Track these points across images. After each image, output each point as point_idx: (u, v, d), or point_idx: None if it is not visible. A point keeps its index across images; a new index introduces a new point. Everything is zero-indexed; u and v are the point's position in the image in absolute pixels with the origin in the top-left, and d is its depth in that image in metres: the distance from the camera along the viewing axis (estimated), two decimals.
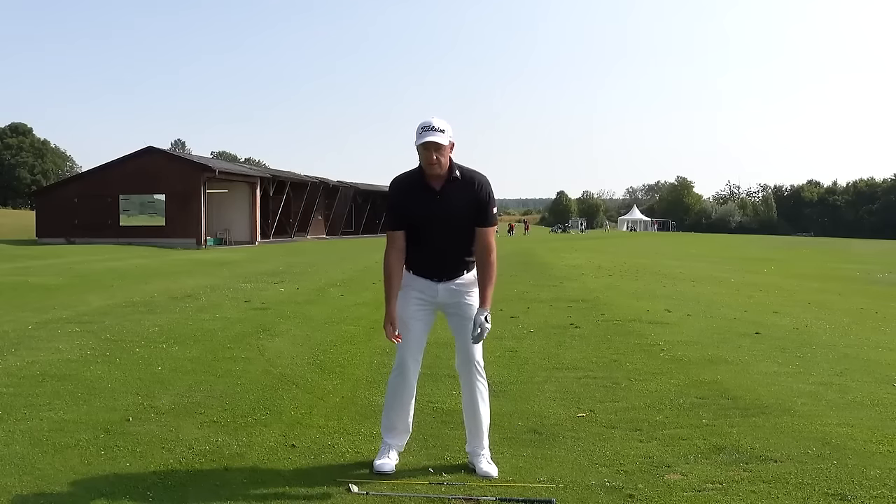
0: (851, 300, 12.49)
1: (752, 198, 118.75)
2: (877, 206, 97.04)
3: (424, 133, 3.47)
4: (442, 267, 3.68)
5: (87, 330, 7.72)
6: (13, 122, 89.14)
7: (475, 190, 3.59)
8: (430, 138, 3.45)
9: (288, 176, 39.09)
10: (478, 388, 3.72)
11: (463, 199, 3.58)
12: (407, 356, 3.71)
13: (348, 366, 6.12)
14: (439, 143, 3.46)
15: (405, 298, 3.71)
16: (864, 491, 3.40)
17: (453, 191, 3.58)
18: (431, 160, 3.49)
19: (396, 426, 3.77)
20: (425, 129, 3.47)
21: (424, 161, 3.52)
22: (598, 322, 8.69)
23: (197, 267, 18.29)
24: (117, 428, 4.28)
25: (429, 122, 3.49)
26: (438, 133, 3.46)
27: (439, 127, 3.48)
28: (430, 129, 3.47)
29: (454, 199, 3.57)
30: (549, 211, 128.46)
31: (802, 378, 5.77)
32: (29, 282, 13.27)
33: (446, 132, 3.49)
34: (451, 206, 3.57)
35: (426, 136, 3.46)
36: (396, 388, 3.75)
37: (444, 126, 3.50)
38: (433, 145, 3.46)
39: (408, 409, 3.79)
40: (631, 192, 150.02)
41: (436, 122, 3.50)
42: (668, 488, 3.45)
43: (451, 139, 3.53)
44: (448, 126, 3.53)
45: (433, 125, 3.48)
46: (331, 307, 10.01)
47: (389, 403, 3.79)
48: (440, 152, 3.49)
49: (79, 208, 31.97)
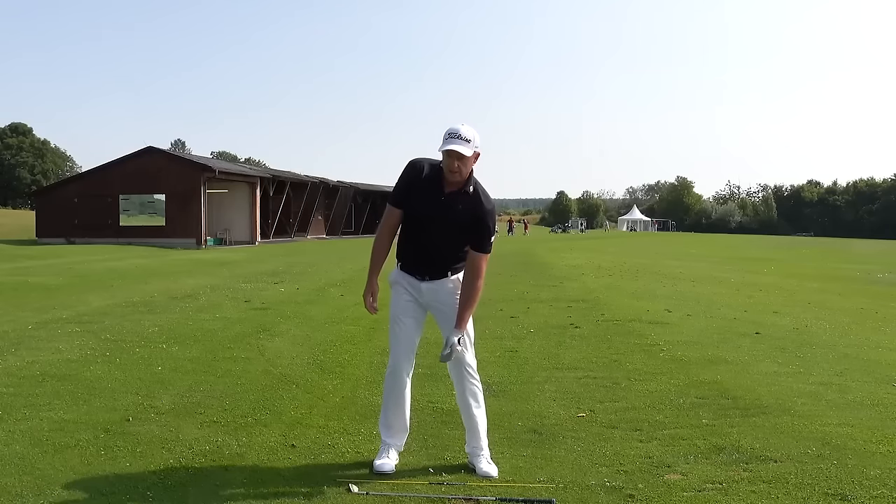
0: (851, 300, 12.49)
1: (752, 198, 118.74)
2: (877, 206, 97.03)
3: (450, 140, 3.43)
4: (428, 267, 3.69)
5: (87, 330, 7.72)
6: (13, 122, 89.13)
7: (482, 212, 3.56)
8: (453, 146, 3.41)
9: (288, 176, 39.08)
10: (470, 390, 3.71)
11: (466, 214, 3.56)
12: (399, 353, 3.73)
13: (348, 366, 6.12)
14: (462, 153, 3.43)
15: (397, 294, 3.76)
16: (864, 491, 3.40)
17: (460, 201, 3.55)
18: (453, 168, 3.46)
19: (393, 424, 3.78)
20: (451, 135, 3.44)
21: (446, 167, 3.49)
22: (598, 322, 8.69)
23: (197, 267, 18.29)
24: (117, 428, 4.28)
25: (456, 130, 3.45)
26: (464, 143, 3.42)
27: (466, 136, 3.44)
28: (456, 136, 3.43)
29: (458, 209, 3.55)
30: (549, 211, 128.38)
31: (802, 378, 5.77)
32: (29, 282, 13.27)
33: (472, 142, 3.45)
34: (452, 213, 3.55)
35: (449, 144, 3.42)
36: (390, 386, 3.78)
37: (471, 135, 3.46)
38: (455, 154, 3.43)
39: (403, 407, 3.79)
40: (631, 192, 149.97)
41: (464, 130, 3.45)
42: (668, 488, 3.45)
43: (476, 149, 3.49)
44: (476, 135, 3.49)
45: (460, 133, 3.44)
46: (331, 307, 10.01)
47: (385, 402, 3.82)
48: (462, 162, 3.46)
49: (79, 208, 31.94)
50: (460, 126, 3.47)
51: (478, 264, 3.60)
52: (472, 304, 3.59)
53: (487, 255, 3.62)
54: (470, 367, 3.71)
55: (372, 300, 3.74)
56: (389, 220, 3.70)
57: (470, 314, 3.61)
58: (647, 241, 52.46)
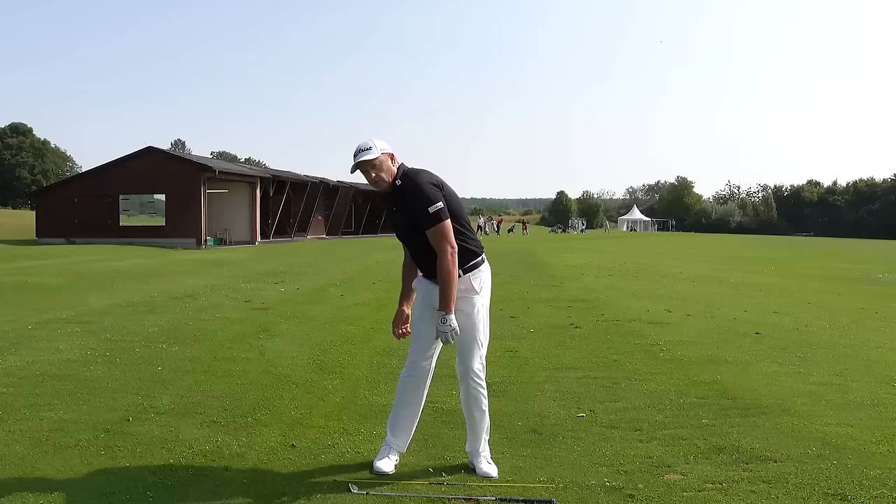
0: (851, 300, 12.48)
1: (752, 198, 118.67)
2: (877, 206, 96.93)
3: (353, 160, 3.58)
4: (427, 269, 3.69)
5: (87, 330, 7.72)
6: (13, 122, 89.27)
7: (407, 196, 3.58)
8: (358, 160, 3.55)
9: (288, 176, 39.06)
10: (472, 394, 3.69)
11: (402, 207, 3.62)
12: (417, 356, 3.75)
13: (348, 366, 6.12)
14: (367, 159, 3.53)
15: (418, 300, 3.80)
16: (864, 491, 3.40)
17: (395, 200, 3.64)
18: (371, 179, 3.58)
19: (397, 424, 3.77)
20: (354, 156, 3.58)
21: (369, 182, 3.62)
22: (598, 322, 8.69)
23: (197, 267, 18.28)
24: (117, 428, 4.28)
25: (356, 149, 3.58)
26: (364, 152, 3.54)
27: (364, 146, 3.56)
28: (357, 153, 3.57)
29: (401, 207, 3.63)
30: (549, 211, 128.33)
31: (802, 378, 5.77)
32: (29, 282, 13.27)
33: (373, 147, 3.55)
34: (397, 215, 3.66)
35: (354, 163, 3.58)
36: (404, 387, 3.77)
37: (370, 143, 3.57)
38: (362, 165, 3.55)
39: (415, 409, 3.79)
40: (631, 192, 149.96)
41: (361, 143, 3.59)
42: (668, 488, 3.45)
43: (382, 151, 3.56)
44: (377, 141, 3.59)
45: (359, 148, 3.57)
46: (331, 307, 10.01)
47: (397, 401, 3.82)
48: (374, 168, 3.55)
49: (79, 208, 31.95)
50: (360, 143, 3.60)
51: (431, 244, 3.51)
52: (442, 283, 3.49)
53: (435, 227, 3.48)
54: (475, 373, 3.67)
55: (400, 330, 3.84)
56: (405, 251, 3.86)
57: (446, 294, 3.48)
58: (647, 241, 52.44)
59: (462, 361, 3.68)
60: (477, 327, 3.67)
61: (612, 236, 65.94)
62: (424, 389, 3.80)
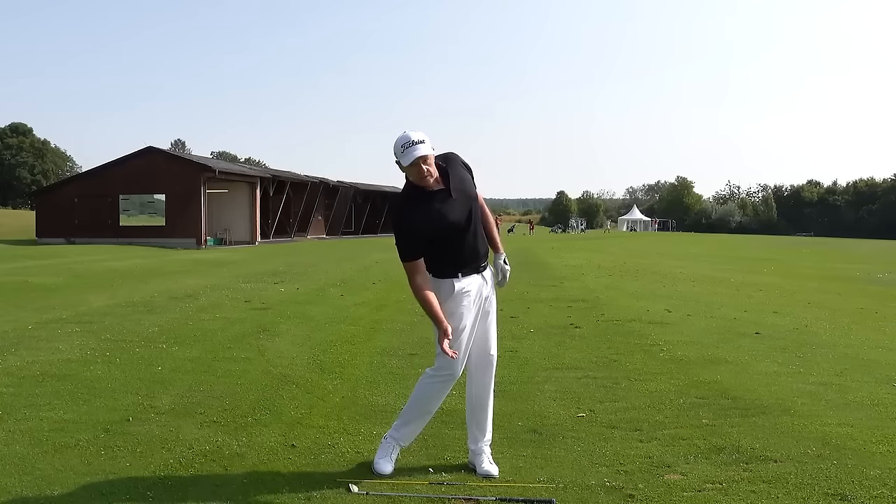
0: (851, 300, 12.48)
1: (752, 198, 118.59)
2: (877, 206, 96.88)
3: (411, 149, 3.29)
4: (478, 255, 3.61)
5: (87, 330, 7.72)
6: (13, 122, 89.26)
7: (459, 168, 3.57)
8: (419, 153, 3.30)
9: (288, 176, 39.08)
10: (491, 382, 3.79)
11: (461, 181, 3.52)
12: (457, 366, 3.60)
13: (348, 366, 6.11)
14: (427, 154, 3.33)
15: (455, 309, 3.52)
16: (864, 491, 3.40)
17: (455, 174, 3.50)
18: (424, 174, 3.35)
19: (412, 421, 3.73)
20: (407, 145, 3.30)
21: (418, 176, 3.36)
22: (598, 322, 8.69)
23: (197, 267, 18.29)
24: (117, 428, 4.28)
25: (407, 138, 3.31)
26: (421, 145, 3.31)
27: (419, 139, 3.31)
28: (412, 144, 3.30)
29: (458, 184, 3.48)
30: (550, 211, 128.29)
31: (802, 378, 5.77)
32: (29, 282, 13.27)
33: (426, 141, 3.34)
34: (459, 195, 3.48)
35: (414, 153, 3.29)
36: (436, 393, 3.69)
37: (422, 136, 3.34)
38: (423, 159, 3.32)
39: (433, 414, 3.81)
40: (631, 192, 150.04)
41: (414, 135, 3.32)
42: (668, 488, 3.45)
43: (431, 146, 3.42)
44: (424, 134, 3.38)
45: (412, 139, 3.30)
46: (331, 307, 10.01)
47: (421, 404, 3.71)
48: (429, 163, 3.37)
49: (79, 208, 31.96)
50: (409, 133, 3.33)
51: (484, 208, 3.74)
52: (496, 229, 3.86)
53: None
54: (494, 358, 3.78)
55: (448, 343, 3.39)
56: (419, 269, 3.44)
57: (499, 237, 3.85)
58: (647, 241, 52.43)
59: (494, 345, 3.76)
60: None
61: (612, 236, 65.95)
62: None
